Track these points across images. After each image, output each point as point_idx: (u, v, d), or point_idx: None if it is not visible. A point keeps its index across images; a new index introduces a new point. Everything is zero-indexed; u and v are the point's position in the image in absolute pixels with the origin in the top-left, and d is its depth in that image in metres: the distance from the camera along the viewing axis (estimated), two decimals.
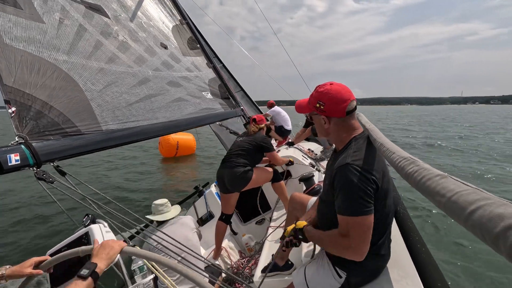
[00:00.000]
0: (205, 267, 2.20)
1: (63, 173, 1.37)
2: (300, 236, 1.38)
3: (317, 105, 1.22)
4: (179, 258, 1.92)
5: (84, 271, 0.89)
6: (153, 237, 1.98)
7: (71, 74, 1.88)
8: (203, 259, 1.95)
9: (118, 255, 1.30)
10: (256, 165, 2.95)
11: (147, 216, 2.35)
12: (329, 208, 1.25)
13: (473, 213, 0.46)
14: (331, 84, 1.24)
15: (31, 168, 1.23)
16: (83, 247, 1.10)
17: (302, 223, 1.41)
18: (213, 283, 2.01)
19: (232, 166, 2.74)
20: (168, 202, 2.38)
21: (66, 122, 1.58)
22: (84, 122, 1.71)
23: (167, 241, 1.95)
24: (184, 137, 11.82)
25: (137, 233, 1.70)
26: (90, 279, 0.88)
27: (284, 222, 2.20)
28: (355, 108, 1.25)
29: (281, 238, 1.49)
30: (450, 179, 0.61)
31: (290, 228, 1.47)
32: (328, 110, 1.21)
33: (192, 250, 2.04)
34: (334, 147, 1.41)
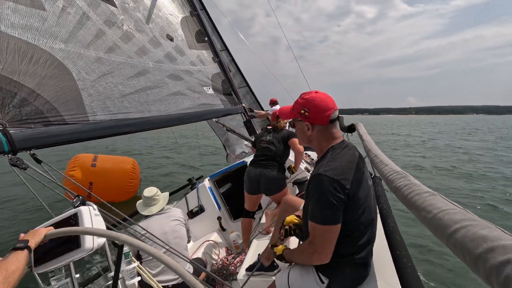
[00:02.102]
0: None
1: (38, 161, 1.42)
2: (297, 231, 1.50)
3: (302, 111, 1.25)
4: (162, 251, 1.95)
5: (20, 244, 0.99)
6: (131, 231, 2.03)
7: (65, 62, 1.92)
8: (184, 257, 1.97)
9: (105, 240, 1.36)
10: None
11: (137, 203, 2.40)
12: None
13: (456, 231, 0.47)
14: (316, 92, 1.27)
15: (5, 155, 1.28)
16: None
17: (279, 249, 1.49)
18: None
19: (270, 166, 2.74)
20: (158, 191, 2.41)
21: (51, 111, 1.64)
22: (71, 112, 1.76)
23: (145, 236, 1.99)
24: (113, 169, 5.91)
25: (114, 225, 1.74)
26: (25, 250, 0.98)
27: (275, 223, 2.24)
28: (337, 117, 1.29)
29: (280, 228, 1.56)
30: (439, 197, 0.62)
31: (289, 218, 1.55)
32: (312, 117, 1.24)
33: (172, 246, 2.08)
34: None
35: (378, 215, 1.80)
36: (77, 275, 1.63)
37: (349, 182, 1.14)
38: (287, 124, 4.85)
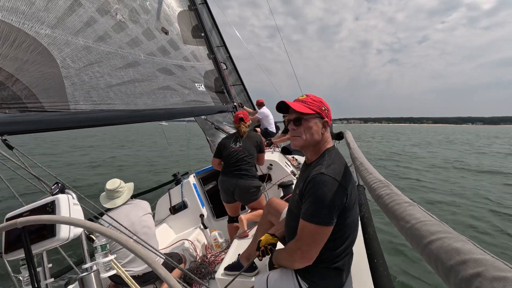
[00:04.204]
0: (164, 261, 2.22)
1: (10, 147, 1.39)
2: (273, 249, 1.48)
3: (323, 108, 1.26)
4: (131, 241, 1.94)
5: None
6: (102, 222, 2.01)
7: (50, 48, 1.89)
8: (153, 249, 1.95)
9: (82, 231, 1.33)
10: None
11: (100, 196, 2.37)
12: (296, 220, 1.27)
13: (432, 242, 0.49)
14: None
15: None
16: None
17: (267, 239, 1.49)
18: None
19: (244, 175, 2.68)
20: (122, 183, 2.37)
21: (30, 97, 1.61)
22: (51, 99, 1.73)
23: (116, 227, 1.97)
24: None
25: (90, 219, 1.73)
26: None
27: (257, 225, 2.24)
28: None
29: (256, 249, 1.55)
30: (418, 208, 0.65)
31: (264, 238, 1.53)
32: (329, 117, 1.27)
33: (140, 236, 2.05)
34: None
35: (359, 223, 1.83)
36: (50, 265, 1.61)
37: (348, 186, 1.16)
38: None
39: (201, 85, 3.35)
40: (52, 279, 1.27)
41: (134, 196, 3.86)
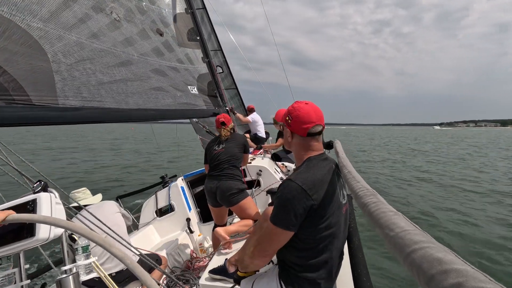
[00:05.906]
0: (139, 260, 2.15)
1: None
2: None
3: (287, 118, 1.30)
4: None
5: None
6: (78, 217, 1.94)
7: (41, 42, 1.85)
8: (130, 246, 1.88)
9: (63, 231, 1.28)
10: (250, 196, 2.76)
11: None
12: None
13: (415, 251, 0.49)
14: (306, 103, 1.30)
15: None
16: None
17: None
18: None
19: (226, 176, 2.61)
20: (87, 189, 2.31)
21: (17, 89, 1.56)
22: (39, 93, 1.69)
23: (93, 223, 1.89)
24: None
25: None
26: None
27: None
28: (319, 132, 1.30)
29: None
30: (402, 217, 0.66)
31: None
32: (292, 126, 1.28)
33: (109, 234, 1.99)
34: None
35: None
36: (27, 266, 1.54)
37: (317, 195, 1.14)
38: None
39: (193, 88, 3.34)
40: (29, 281, 1.22)
41: (120, 197, 3.77)
